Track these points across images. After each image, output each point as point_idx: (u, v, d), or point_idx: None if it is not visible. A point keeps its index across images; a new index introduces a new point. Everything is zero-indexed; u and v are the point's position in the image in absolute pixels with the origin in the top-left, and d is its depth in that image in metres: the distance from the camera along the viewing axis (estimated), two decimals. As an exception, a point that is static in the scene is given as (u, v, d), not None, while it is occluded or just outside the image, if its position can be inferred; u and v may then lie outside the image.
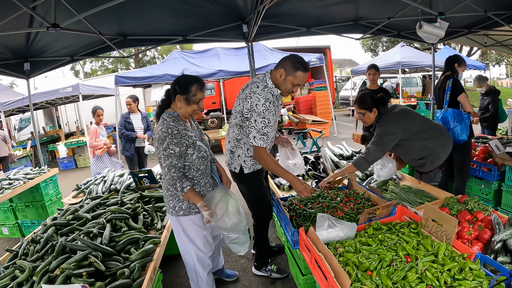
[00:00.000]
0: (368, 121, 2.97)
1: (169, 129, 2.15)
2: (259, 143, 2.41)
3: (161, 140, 2.15)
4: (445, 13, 4.05)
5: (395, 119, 2.84)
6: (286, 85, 2.44)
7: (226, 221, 2.25)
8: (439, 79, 3.88)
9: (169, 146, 2.14)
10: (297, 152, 2.89)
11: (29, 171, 5.02)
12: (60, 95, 9.74)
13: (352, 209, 2.37)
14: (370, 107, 2.89)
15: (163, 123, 2.19)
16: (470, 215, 2.25)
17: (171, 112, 2.27)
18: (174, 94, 2.25)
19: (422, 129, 2.91)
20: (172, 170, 2.17)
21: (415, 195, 2.78)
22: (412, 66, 11.81)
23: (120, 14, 3.65)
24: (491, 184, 3.75)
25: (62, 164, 10.48)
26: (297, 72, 2.39)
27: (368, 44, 25.05)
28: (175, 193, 2.29)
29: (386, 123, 2.84)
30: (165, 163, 2.17)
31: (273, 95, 2.47)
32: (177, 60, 10.18)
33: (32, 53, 4.53)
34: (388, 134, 2.79)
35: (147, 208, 3.11)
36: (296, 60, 2.42)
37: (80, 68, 27.62)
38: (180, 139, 2.18)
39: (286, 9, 3.97)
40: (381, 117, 2.91)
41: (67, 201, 3.85)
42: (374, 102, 2.90)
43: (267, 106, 2.39)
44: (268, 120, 2.40)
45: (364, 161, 2.78)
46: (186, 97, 2.22)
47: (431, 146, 2.92)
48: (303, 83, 2.50)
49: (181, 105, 2.24)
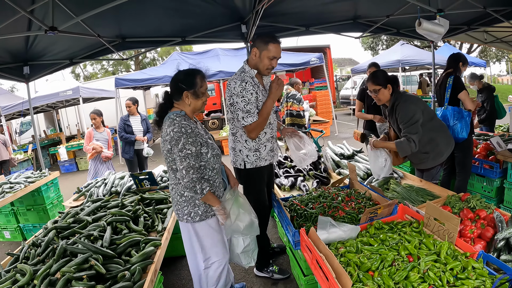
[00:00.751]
0: (383, 98, 2.89)
1: (183, 128, 2.03)
2: (248, 120, 2.51)
3: (175, 141, 2.02)
4: (444, 10, 4.03)
5: (412, 100, 2.80)
6: (263, 62, 2.53)
7: (239, 225, 2.22)
8: (441, 76, 3.85)
9: (185, 146, 2.02)
10: (305, 139, 2.85)
11: (30, 174, 5.03)
12: (61, 98, 9.78)
13: (353, 208, 2.36)
14: (385, 83, 2.82)
15: (173, 123, 2.05)
16: (472, 213, 2.24)
17: (177, 112, 2.14)
18: (179, 92, 2.14)
19: (431, 116, 2.87)
20: (191, 171, 2.04)
21: (416, 194, 2.76)
22: (412, 64, 11.77)
23: (118, 16, 3.64)
24: (493, 182, 3.73)
25: (63, 167, 10.53)
26: (268, 45, 2.48)
27: (368, 43, 25.00)
28: (190, 198, 2.17)
29: (406, 107, 2.77)
30: (182, 165, 2.03)
31: (250, 77, 2.58)
32: (177, 61, 10.18)
33: (31, 56, 4.52)
34: (416, 118, 2.73)
35: (148, 210, 3.10)
36: (265, 35, 2.56)
37: (80, 71, 27.65)
38: (195, 137, 2.07)
39: (285, 9, 3.97)
40: (397, 99, 2.84)
41: (68, 204, 3.85)
42: (388, 79, 2.85)
43: (243, 86, 2.50)
44: (248, 98, 2.50)
45: (409, 149, 2.74)
46: (194, 91, 2.12)
47: (438, 139, 2.89)
48: (279, 55, 2.55)
49: (190, 101, 2.14)
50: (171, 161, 2.12)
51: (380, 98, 2.89)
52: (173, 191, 2.25)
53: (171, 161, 2.13)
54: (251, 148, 2.66)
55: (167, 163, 2.16)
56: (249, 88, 2.51)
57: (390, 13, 4.55)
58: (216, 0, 3.48)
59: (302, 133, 2.87)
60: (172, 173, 2.18)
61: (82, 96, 9.54)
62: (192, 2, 3.46)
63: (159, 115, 2.20)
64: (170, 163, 2.14)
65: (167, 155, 2.12)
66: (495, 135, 4.79)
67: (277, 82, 2.58)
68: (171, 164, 2.13)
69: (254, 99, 2.52)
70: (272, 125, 2.75)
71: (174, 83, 2.16)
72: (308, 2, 3.87)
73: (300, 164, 2.82)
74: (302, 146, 2.77)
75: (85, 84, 14.43)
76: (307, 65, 10.37)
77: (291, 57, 10.53)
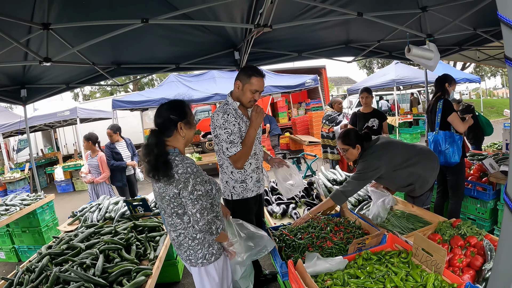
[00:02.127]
0: (351, 157, 2.99)
1: (189, 168, 1.87)
2: (232, 151, 2.51)
3: (183, 184, 1.85)
4: (434, 35, 4.12)
5: (377, 154, 2.87)
6: (246, 95, 2.55)
7: (251, 245, 2.19)
8: (430, 100, 3.88)
9: (195, 187, 1.88)
10: (292, 169, 2.85)
11: (26, 196, 5.06)
12: (58, 119, 9.85)
13: (342, 238, 2.36)
14: (354, 143, 2.93)
15: (174, 165, 1.87)
16: (462, 240, 2.23)
17: (171, 151, 1.96)
18: (172, 126, 1.97)
19: (406, 158, 2.92)
20: (205, 213, 1.91)
21: (407, 221, 2.75)
22: (406, 83, 11.88)
23: (113, 44, 3.72)
24: (486, 203, 3.74)
25: (59, 187, 10.51)
26: (251, 78, 2.51)
27: (363, 61, 25.38)
28: (204, 239, 2.03)
29: (368, 158, 2.87)
30: (195, 208, 1.89)
31: (234, 109, 2.59)
32: (174, 83, 10.30)
33: (28, 79, 4.59)
34: (370, 169, 2.81)
35: (140, 238, 3.10)
36: (248, 68, 2.59)
37: (79, 90, 27.83)
38: (202, 176, 1.95)
39: (276, 36, 4.04)
40: (364, 152, 2.94)
41: (63, 228, 3.88)
42: (358, 139, 2.95)
43: (225, 118, 2.51)
44: (231, 129, 2.50)
45: (342, 195, 2.79)
46: (187, 120, 2.01)
47: (417, 171, 2.92)
48: (261, 88, 2.57)
49: (184, 132, 2.00)
50: (176, 206, 1.95)
51: (348, 157, 3.01)
52: (181, 237, 2.04)
53: (176, 206, 1.95)
54: (237, 179, 2.66)
55: (170, 209, 1.98)
56: (231, 119, 2.52)
57: (382, 37, 4.65)
58: (208, 28, 3.56)
59: (289, 163, 2.88)
60: (178, 218, 2.00)
61: (80, 117, 9.61)
62: (185, 31, 3.54)
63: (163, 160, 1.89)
64: (174, 208, 1.96)
65: (171, 201, 1.94)
66: (489, 154, 4.82)
67: (256, 110, 2.58)
68: (177, 209, 1.96)
69: (237, 130, 2.53)
70: (257, 156, 2.75)
71: (164, 117, 1.99)
72: (299, 29, 3.95)
73: (287, 195, 2.82)
74: (289, 176, 2.77)
75: (82, 104, 14.52)
76: (302, 87, 10.48)
77: (286, 79, 10.66)
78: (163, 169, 1.86)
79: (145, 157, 1.94)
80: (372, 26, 4.12)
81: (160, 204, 2.06)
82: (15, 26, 2.56)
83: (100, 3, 2.81)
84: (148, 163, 1.91)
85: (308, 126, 13.39)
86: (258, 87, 2.54)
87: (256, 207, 2.85)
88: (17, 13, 2.50)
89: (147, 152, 1.92)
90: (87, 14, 2.87)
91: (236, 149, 2.51)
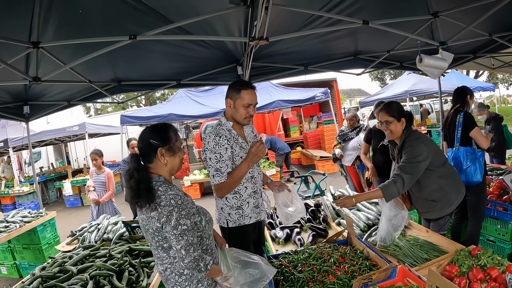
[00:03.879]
0: (395, 131, 2.69)
1: (172, 200, 1.70)
2: (216, 180, 2.34)
3: (166, 218, 1.68)
4: (447, 42, 3.89)
5: (424, 140, 2.60)
6: (239, 111, 2.40)
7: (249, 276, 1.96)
8: (448, 113, 3.64)
9: (179, 221, 1.69)
10: (293, 194, 2.60)
11: (27, 213, 5.07)
12: (67, 133, 9.95)
13: (346, 272, 2.13)
14: (399, 115, 2.64)
15: (157, 196, 1.72)
16: (482, 272, 2.02)
17: (155, 178, 1.81)
18: (153, 151, 1.81)
19: (442, 161, 2.67)
20: (191, 249, 1.71)
21: (421, 248, 2.51)
22: (419, 94, 11.66)
23: (112, 61, 3.62)
24: (508, 224, 3.42)
25: (68, 202, 10.64)
26: (240, 93, 2.37)
27: (375, 73, 25.12)
28: (192, 275, 1.85)
29: (416, 144, 2.57)
30: (179, 244, 1.70)
31: (227, 129, 2.44)
32: (183, 99, 10.33)
33: (31, 96, 4.54)
34: (421, 158, 2.52)
35: (134, 263, 2.95)
36: (236, 83, 2.46)
37: (91, 104, 28.14)
38: (187, 208, 1.75)
39: (281, 49, 3.89)
40: (408, 137, 2.65)
41: (61, 248, 3.87)
42: (402, 112, 2.67)
43: (217, 141, 2.35)
44: (220, 154, 2.34)
45: (396, 191, 2.49)
46: (169, 146, 1.82)
47: (447, 187, 2.68)
48: (254, 101, 2.42)
49: (166, 159, 1.82)
50: (161, 239, 1.79)
51: (392, 130, 2.69)
52: (167, 271, 1.86)
53: (161, 240, 1.79)
54: (232, 205, 2.48)
55: (155, 242, 1.81)
56: (223, 142, 2.36)
57: (391, 47, 4.44)
58: (209, 43, 3.42)
59: (290, 187, 2.64)
60: (163, 252, 1.82)
61: (88, 132, 9.68)
62: (186, 46, 3.41)
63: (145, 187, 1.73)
64: (159, 242, 1.80)
65: (155, 234, 1.78)
66: (508, 168, 4.54)
67: (258, 146, 2.32)
68: (162, 243, 1.80)
69: (228, 156, 2.36)
70: (255, 179, 2.55)
71: (145, 141, 1.83)
72: (305, 41, 3.78)
73: (286, 222, 2.57)
74: (289, 202, 2.53)
75: (91, 119, 14.73)
76: (312, 100, 10.29)
77: (296, 93, 10.51)
78: (145, 196, 1.71)
79: (127, 183, 1.77)
80: (381, 35, 3.96)
81: (145, 236, 1.88)
82: (4, 46, 2.47)
83: (95, 20, 2.71)
84: (130, 189, 1.75)
85: (320, 141, 13.17)
86: (251, 100, 2.38)
87: (255, 234, 2.64)
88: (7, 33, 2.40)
89: (128, 177, 1.75)
90: (84, 32, 2.78)
91: (220, 180, 2.34)
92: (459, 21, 3.45)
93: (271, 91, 10.35)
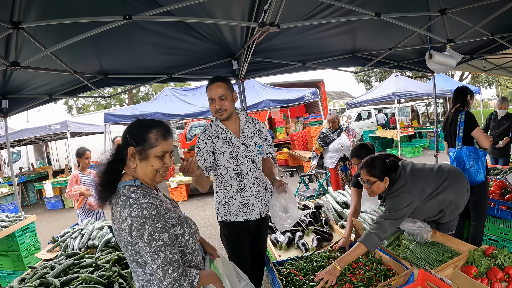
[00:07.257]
0: (376, 191, 2.50)
1: (144, 210, 1.42)
2: None
3: (137, 231, 1.41)
4: (454, 40, 3.80)
5: (408, 187, 2.45)
6: (210, 107, 2.45)
7: None
8: (449, 112, 3.61)
9: (153, 236, 1.41)
10: (290, 198, 2.36)
11: (5, 217, 4.70)
12: (48, 132, 9.53)
13: (362, 279, 1.97)
14: (382, 175, 2.44)
15: (129, 204, 1.44)
16: (501, 271, 1.98)
17: (130, 182, 1.54)
18: (124, 148, 1.56)
19: (436, 185, 2.56)
20: (170, 269, 1.43)
21: (433, 250, 2.39)
22: (407, 96, 11.73)
23: (98, 51, 3.37)
24: (511, 223, 3.41)
25: (49, 204, 10.17)
26: (206, 90, 2.44)
27: (361, 76, 25.32)
28: None
29: (399, 193, 2.43)
30: (155, 263, 1.42)
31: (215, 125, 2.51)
32: (168, 97, 10.05)
33: (10, 90, 4.18)
34: (403, 206, 2.37)
35: (125, 274, 2.66)
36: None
37: (73, 103, 27.29)
38: (164, 220, 1.47)
39: (279, 44, 3.73)
40: (392, 186, 2.50)
41: (41, 256, 3.50)
42: (386, 169, 2.46)
43: (199, 136, 2.49)
44: (199, 148, 2.45)
45: (376, 239, 2.27)
46: (141, 149, 1.52)
47: (448, 197, 2.57)
48: (215, 95, 2.40)
49: (135, 163, 1.53)
50: (134, 254, 1.51)
51: (374, 190, 2.50)
52: None
53: (134, 254, 1.51)
54: (221, 200, 2.51)
55: (129, 256, 1.54)
56: (203, 137, 2.46)
57: (393, 45, 4.33)
58: (204, 35, 3.23)
59: (288, 190, 2.38)
60: (139, 268, 1.55)
61: (70, 131, 9.31)
62: (178, 37, 3.21)
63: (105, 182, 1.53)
64: (133, 256, 1.52)
65: (127, 248, 1.51)
66: (503, 168, 4.52)
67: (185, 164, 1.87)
68: (136, 258, 1.52)
69: (208, 149, 2.43)
70: (242, 177, 2.44)
71: (123, 133, 1.59)
72: (304, 36, 3.64)
73: (280, 228, 2.36)
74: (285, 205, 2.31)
75: (74, 118, 14.27)
76: (301, 101, 10.18)
77: (285, 93, 10.38)
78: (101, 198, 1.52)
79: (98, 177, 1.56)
80: (382, 33, 3.88)
81: (119, 245, 1.59)
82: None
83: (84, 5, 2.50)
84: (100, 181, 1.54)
85: (307, 141, 13.00)
86: (211, 94, 2.40)
87: (250, 236, 2.51)
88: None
89: (100, 174, 1.55)
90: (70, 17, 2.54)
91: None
92: (465, 20, 3.39)
93: (259, 91, 10.18)
